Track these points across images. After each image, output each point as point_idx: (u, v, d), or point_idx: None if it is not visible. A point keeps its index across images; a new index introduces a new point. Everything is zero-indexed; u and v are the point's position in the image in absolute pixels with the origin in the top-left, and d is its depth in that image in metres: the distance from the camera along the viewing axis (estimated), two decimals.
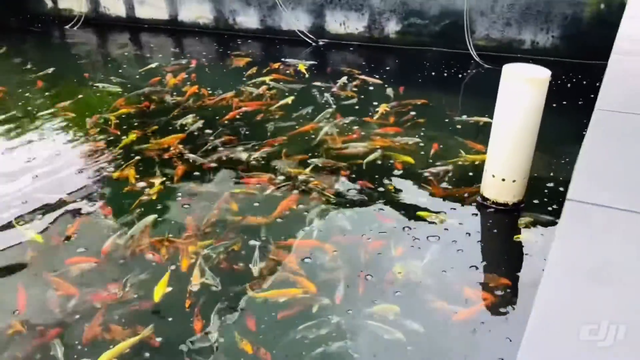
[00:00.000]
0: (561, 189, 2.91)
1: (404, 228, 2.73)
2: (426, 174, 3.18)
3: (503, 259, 2.61)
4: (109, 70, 5.22)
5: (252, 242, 2.65)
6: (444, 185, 3.10)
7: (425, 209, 2.86)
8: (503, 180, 2.74)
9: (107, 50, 6.24)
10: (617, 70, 2.05)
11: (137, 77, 4.98)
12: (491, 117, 2.77)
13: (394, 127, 3.75)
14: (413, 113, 3.93)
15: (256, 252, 2.56)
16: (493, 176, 2.77)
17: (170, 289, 2.37)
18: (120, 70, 5.21)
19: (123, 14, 6.42)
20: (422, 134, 3.65)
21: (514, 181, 2.73)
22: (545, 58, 4.55)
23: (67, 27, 6.49)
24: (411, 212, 2.86)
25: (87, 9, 6.53)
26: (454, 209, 2.88)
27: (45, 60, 5.39)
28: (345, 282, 2.37)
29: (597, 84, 2.05)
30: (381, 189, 3.08)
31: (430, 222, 2.76)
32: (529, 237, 2.63)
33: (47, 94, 4.65)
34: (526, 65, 2.71)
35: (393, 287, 2.36)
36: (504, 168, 2.72)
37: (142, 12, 6.30)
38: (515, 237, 2.64)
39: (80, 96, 4.53)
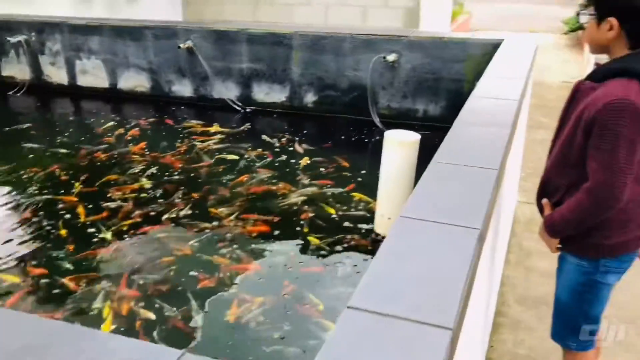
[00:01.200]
0: None
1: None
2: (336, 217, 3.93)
3: None
4: (51, 134, 5.76)
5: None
6: (348, 224, 3.85)
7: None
8: (389, 218, 3.51)
9: (50, 115, 6.77)
10: (455, 134, 2.86)
11: (81, 139, 5.54)
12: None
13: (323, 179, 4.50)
14: (328, 169, 4.72)
15: None
16: (382, 216, 3.55)
17: None
18: (62, 135, 5.74)
19: (65, 82, 6.98)
20: (330, 187, 4.42)
21: (388, 219, 3.53)
22: (434, 124, 5.52)
23: (9, 93, 6.96)
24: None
25: (30, 76, 7.05)
26: (355, 241, 3.64)
27: None
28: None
29: None
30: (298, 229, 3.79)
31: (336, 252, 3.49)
32: None
33: None
34: (405, 132, 3.55)
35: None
36: (389, 209, 3.51)
37: (84, 80, 6.90)
38: None
39: (21, 159, 5.04)
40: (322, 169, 4.74)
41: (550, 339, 2.71)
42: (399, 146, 3.35)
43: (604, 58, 2.32)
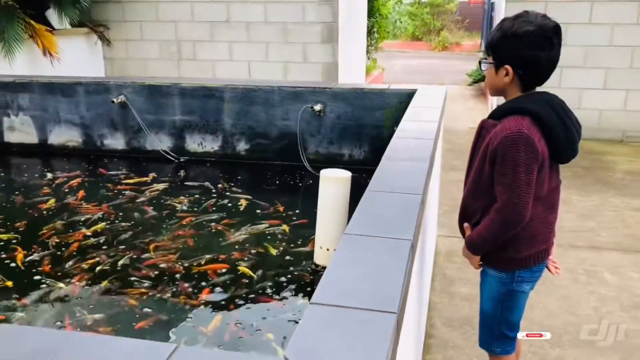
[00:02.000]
0: None
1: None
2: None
3: None
4: None
5: None
6: (289, 258, 4.14)
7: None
8: (327, 249, 3.85)
9: None
10: (383, 169, 3.27)
11: (14, 194, 5.54)
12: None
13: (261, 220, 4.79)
14: (264, 212, 5.02)
15: None
16: (321, 247, 3.87)
17: None
18: None
19: None
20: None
21: (327, 249, 3.86)
22: (359, 167, 5.99)
23: None
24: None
25: None
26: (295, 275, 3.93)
27: None
28: None
29: None
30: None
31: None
32: None
33: None
34: (338, 170, 3.94)
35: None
36: (327, 241, 3.85)
37: (12, 137, 6.87)
38: None
39: None
40: (258, 211, 5.03)
41: (474, 355, 3.10)
42: (333, 182, 3.73)
43: (502, 100, 2.83)
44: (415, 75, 18.85)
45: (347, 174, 3.80)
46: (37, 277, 3.82)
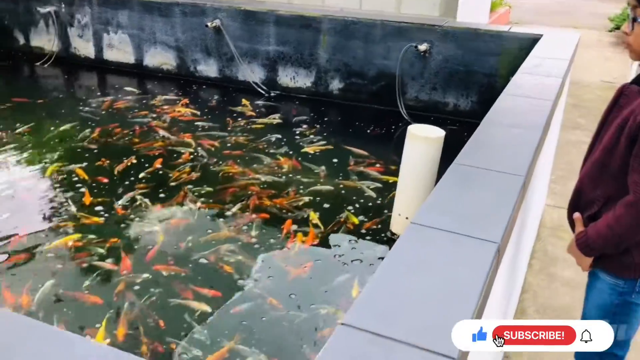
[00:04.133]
0: None
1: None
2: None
3: None
4: (76, 105, 5.74)
5: None
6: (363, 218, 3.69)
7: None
8: (406, 218, 3.34)
9: (76, 87, 6.75)
10: (481, 135, 2.67)
11: (104, 112, 5.50)
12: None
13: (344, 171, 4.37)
14: (350, 161, 4.55)
15: None
16: (399, 215, 3.37)
17: None
18: (88, 106, 5.71)
19: (92, 56, 6.93)
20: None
21: (406, 218, 3.35)
22: (463, 119, 5.30)
23: (37, 64, 6.95)
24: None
25: (58, 48, 7.02)
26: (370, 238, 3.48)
27: (12, 93, 5.83)
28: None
29: None
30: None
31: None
32: None
33: (16, 125, 5.08)
34: (427, 126, 3.36)
35: None
36: (406, 209, 3.33)
37: (110, 55, 6.84)
38: None
39: (52, 128, 5.01)
40: (344, 160, 4.56)
41: (570, 356, 2.52)
42: (421, 142, 3.16)
43: None
44: (546, 17, 16.95)
45: (438, 134, 3.20)
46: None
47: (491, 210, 1.93)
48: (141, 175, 4.16)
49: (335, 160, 4.56)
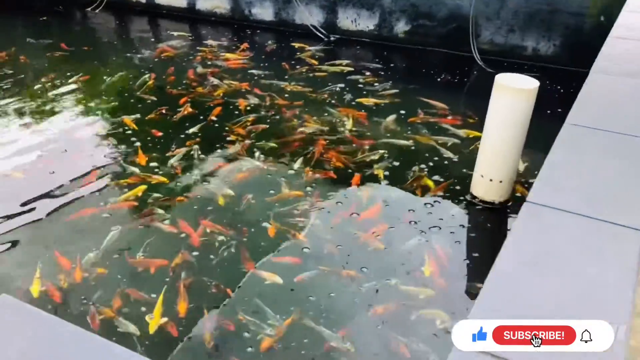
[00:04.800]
0: None
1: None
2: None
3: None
4: (129, 52, 5.54)
5: None
6: (438, 178, 3.35)
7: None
8: (491, 180, 2.97)
9: (127, 33, 6.53)
10: (593, 88, 2.26)
11: (156, 60, 5.27)
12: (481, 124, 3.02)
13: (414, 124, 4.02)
14: (420, 112, 4.17)
15: None
16: (482, 176, 3.01)
17: None
18: (140, 53, 5.49)
19: (143, 0, 6.65)
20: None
21: (500, 182, 2.97)
22: (545, 65, 4.77)
23: (88, 9, 6.74)
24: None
25: None
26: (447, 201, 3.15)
27: (65, 40, 5.66)
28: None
29: None
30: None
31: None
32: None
33: (68, 74, 4.91)
34: (518, 76, 2.93)
35: None
36: (491, 170, 2.96)
37: None
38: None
39: (106, 77, 4.82)
40: (412, 111, 4.18)
41: None
42: (512, 94, 2.74)
43: None
44: None
45: (531, 84, 2.77)
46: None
47: (629, 185, 1.57)
48: (197, 128, 3.92)
49: (402, 111, 4.18)
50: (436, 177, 3.34)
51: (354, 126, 3.96)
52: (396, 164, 3.50)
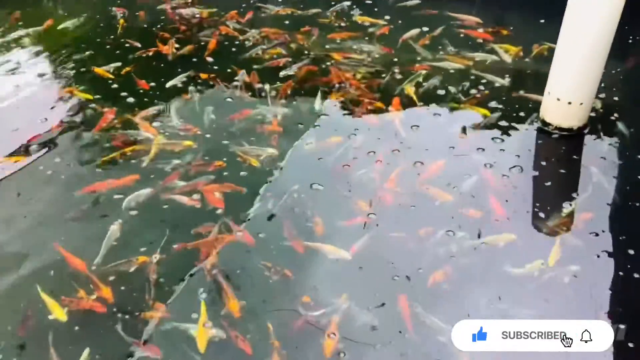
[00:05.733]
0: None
1: None
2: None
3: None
4: None
5: None
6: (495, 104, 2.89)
7: None
8: (569, 103, 2.53)
9: None
10: None
11: None
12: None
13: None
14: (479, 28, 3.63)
15: None
16: (557, 99, 2.55)
17: None
18: None
19: None
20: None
21: (581, 104, 2.53)
22: None
23: None
24: None
25: None
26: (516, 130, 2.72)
27: None
28: None
29: None
30: None
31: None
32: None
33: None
34: None
35: None
36: (567, 89, 2.51)
37: None
38: None
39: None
40: (462, 29, 3.63)
41: None
42: None
43: None
44: None
45: None
46: None
47: None
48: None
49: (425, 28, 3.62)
50: (493, 104, 2.87)
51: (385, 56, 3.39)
52: (440, 92, 3.01)
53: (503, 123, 2.74)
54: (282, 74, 3.24)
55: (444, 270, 2.02)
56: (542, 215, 2.24)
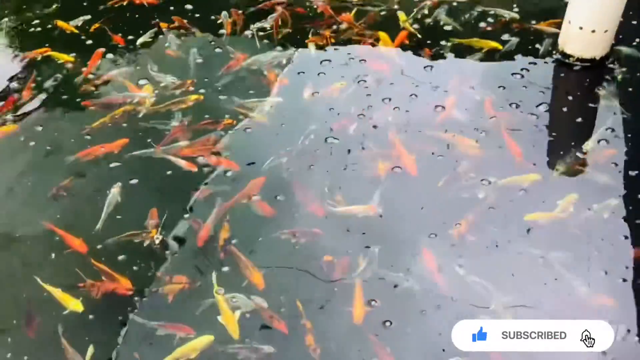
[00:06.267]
0: None
1: None
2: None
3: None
4: None
5: None
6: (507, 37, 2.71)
7: None
8: (593, 31, 2.36)
9: None
10: None
11: None
12: None
13: None
14: None
15: None
16: (580, 29, 2.38)
17: None
18: None
19: None
20: None
21: (605, 31, 2.37)
22: None
23: None
24: None
25: None
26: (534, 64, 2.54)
27: None
28: None
29: None
30: None
31: None
32: None
33: None
34: None
35: None
36: (593, 16, 2.33)
37: None
38: None
39: None
40: None
41: None
42: None
43: None
44: None
45: None
46: None
47: None
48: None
49: None
50: (506, 36, 2.68)
51: None
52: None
53: (519, 57, 2.58)
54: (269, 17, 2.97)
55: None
56: (572, 153, 2.13)
